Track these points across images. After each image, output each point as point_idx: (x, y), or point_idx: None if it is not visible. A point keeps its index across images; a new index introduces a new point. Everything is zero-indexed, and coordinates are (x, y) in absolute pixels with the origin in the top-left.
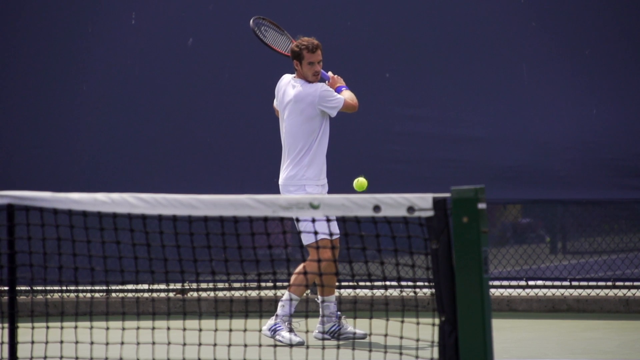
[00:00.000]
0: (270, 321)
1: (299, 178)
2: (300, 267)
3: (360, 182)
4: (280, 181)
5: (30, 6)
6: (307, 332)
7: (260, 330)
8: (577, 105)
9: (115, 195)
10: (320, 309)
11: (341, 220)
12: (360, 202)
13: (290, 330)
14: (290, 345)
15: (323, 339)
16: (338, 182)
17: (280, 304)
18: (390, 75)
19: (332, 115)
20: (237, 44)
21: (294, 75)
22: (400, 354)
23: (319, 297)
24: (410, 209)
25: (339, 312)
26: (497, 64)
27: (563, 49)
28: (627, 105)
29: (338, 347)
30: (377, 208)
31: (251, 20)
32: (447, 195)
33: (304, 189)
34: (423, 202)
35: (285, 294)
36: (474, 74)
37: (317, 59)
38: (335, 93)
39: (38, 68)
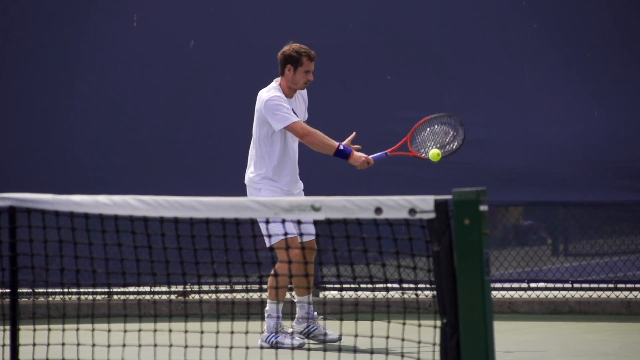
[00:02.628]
0: (264, 334)
1: (256, 182)
2: (272, 272)
3: (435, 153)
4: (245, 180)
5: (32, 9)
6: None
7: (261, 333)
8: (579, 107)
9: (117, 198)
10: (297, 309)
11: (343, 222)
12: (361, 204)
13: (290, 334)
14: (292, 348)
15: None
16: (340, 184)
17: (265, 315)
18: (391, 77)
19: (274, 128)
20: (239, 46)
21: (278, 79)
22: (402, 355)
23: (296, 297)
24: (412, 211)
25: (315, 313)
26: (498, 66)
27: (565, 51)
28: (629, 107)
29: (339, 349)
30: (378, 210)
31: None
32: (449, 197)
33: (259, 193)
34: (424, 204)
35: (267, 305)
36: (476, 76)
37: (312, 68)
38: (286, 112)
39: (40, 70)
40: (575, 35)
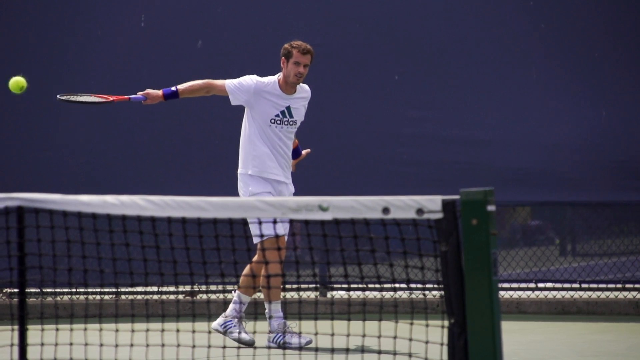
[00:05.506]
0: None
1: (242, 173)
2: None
3: (16, 83)
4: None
5: (39, 9)
6: (316, 334)
7: (268, 333)
8: (587, 107)
9: (125, 198)
10: (232, 303)
11: (350, 222)
12: (369, 204)
13: (297, 334)
14: (300, 348)
15: (216, 331)
16: (346, 184)
17: (267, 316)
18: (399, 77)
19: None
20: (246, 46)
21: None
22: (410, 356)
23: (236, 292)
24: (420, 211)
25: (243, 314)
26: (506, 66)
27: (572, 51)
28: (637, 107)
29: (347, 350)
30: (386, 210)
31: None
32: (457, 197)
33: (247, 187)
34: (432, 204)
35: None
36: (484, 76)
37: (303, 61)
38: (232, 80)
39: (47, 70)
40: (583, 35)
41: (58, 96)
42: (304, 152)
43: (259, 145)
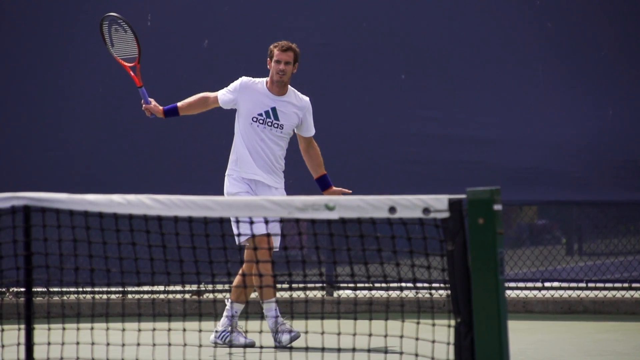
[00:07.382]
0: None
1: (228, 172)
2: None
3: None
4: None
5: (43, 8)
6: (322, 333)
7: (275, 332)
8: (593, 106)
9: (131, 197)
10: (226, 310)
11: (357, 222)
12: (375, 203)
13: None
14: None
15: (215, 343)
16: (353, 183)
17: (267, 317)
18: (406, 76)
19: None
20: (252, 45)
21: None
22: (416, 355)
23: (229, 299)
24: (426, 211)
25: (236, 319)
26: (513, 65)
27: (579, 50)
28: None
29: (353, 350)
30: (392, 209)
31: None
32: (463, 196)
33: (227, 185)
34: (439, 203)
35: (264, 306)
36: (490, 76)
37: (284, 58)
38: (224, 90)
39: (53, 70)
40: (590, 34)
41: (109, 14)
42: (335, 188)
43: (239, 147)
